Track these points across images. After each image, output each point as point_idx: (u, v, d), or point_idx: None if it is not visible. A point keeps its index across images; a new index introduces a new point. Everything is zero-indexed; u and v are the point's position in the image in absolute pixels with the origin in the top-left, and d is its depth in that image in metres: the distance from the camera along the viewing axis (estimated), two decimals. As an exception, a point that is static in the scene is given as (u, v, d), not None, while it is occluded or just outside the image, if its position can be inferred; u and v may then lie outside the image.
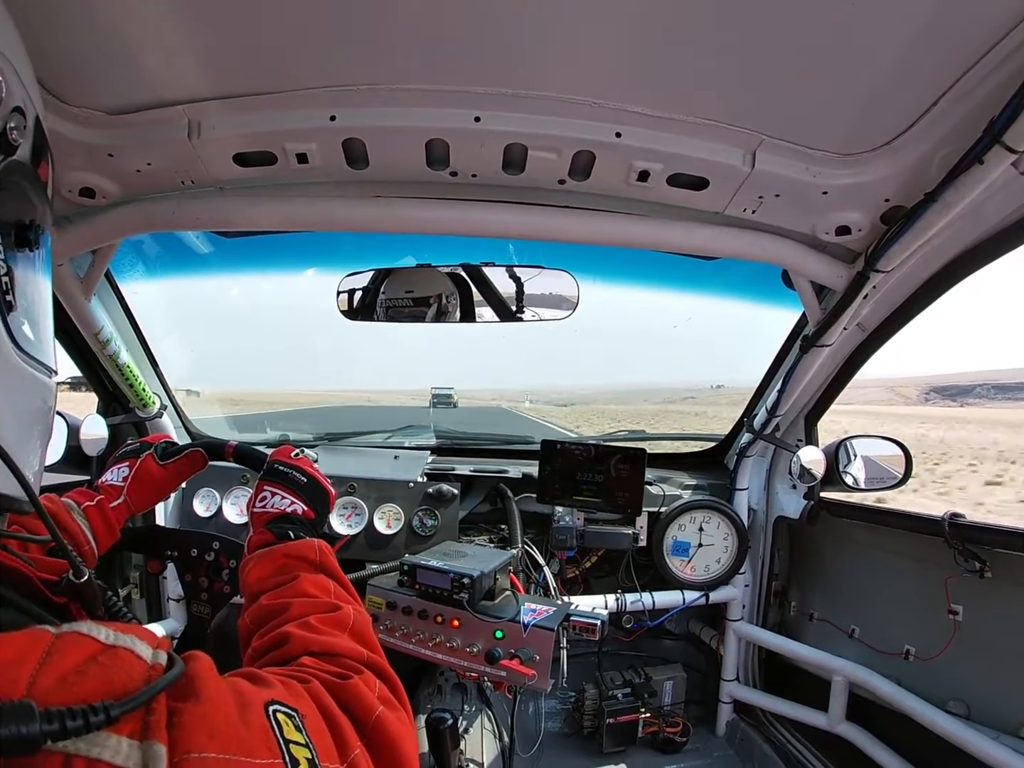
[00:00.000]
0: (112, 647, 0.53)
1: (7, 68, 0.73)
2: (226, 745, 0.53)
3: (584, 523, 2.75)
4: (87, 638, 0.52)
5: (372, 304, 2.25)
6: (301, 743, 0.61)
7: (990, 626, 2.06)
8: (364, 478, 2.72)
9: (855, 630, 2.56)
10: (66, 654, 0.49)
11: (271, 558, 1.10)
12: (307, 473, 1.34)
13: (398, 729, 0.78)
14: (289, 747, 0.59)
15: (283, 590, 1.02)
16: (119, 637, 0.54)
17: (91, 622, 0.54)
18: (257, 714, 0.59)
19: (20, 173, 0.75)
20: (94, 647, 0.52)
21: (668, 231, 1.75)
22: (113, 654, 0.52)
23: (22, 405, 0.74)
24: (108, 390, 2.47)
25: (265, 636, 0.93)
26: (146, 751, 0.48)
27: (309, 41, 1.22)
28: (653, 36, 1.18)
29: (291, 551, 1.11)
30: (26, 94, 0.77)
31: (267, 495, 1.26)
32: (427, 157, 1.55)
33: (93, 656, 0.51)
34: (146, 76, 1.30)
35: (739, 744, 2.90)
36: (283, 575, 1.06)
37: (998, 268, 1.91)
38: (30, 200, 0.77)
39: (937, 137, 1.35)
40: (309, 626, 0.92)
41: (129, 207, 1.68)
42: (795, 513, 2.74)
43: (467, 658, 2.05)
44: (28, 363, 0.74)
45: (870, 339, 2.16)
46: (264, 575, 1.07)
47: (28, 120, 0.77)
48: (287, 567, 1.08)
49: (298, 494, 1.28)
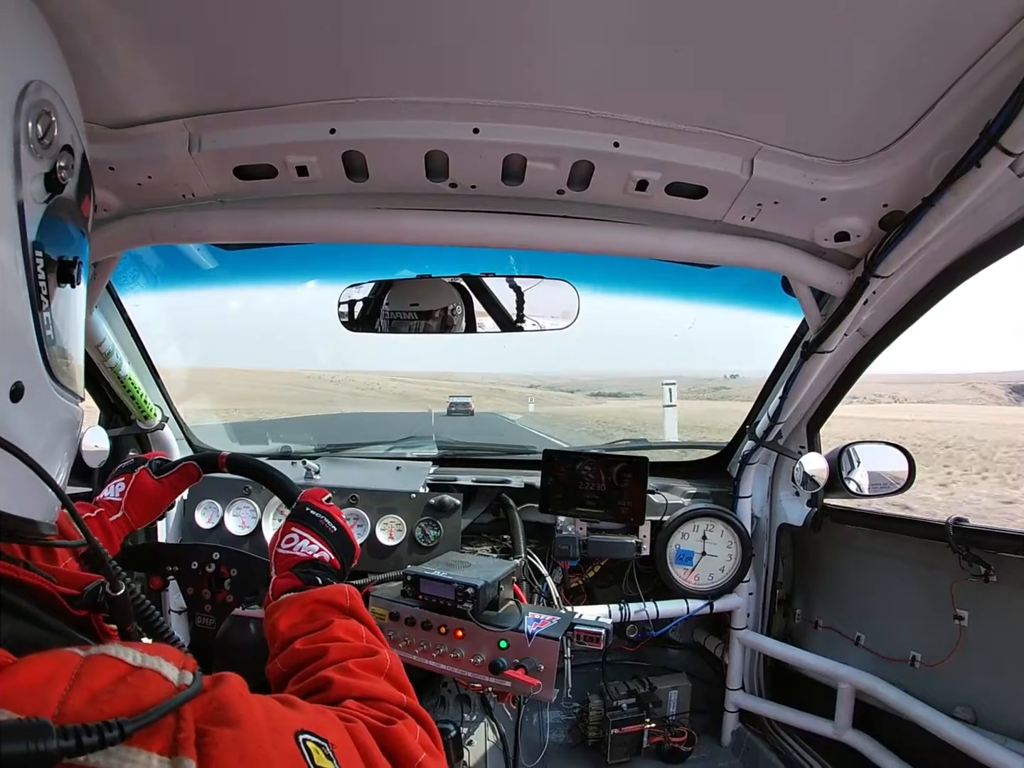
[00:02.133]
0: (140, 668, 0.54)
1: (59, 106, 0.76)
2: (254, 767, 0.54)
3: (587, 533, 2.74)
4: (115, 660, 0.53)
5: (374, 315, 2.25)
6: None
7: (996, 631, 2.05)
8: (366, 489, 2.72)
9: (860, 637, 2.55)
10: (94, 675, 0.51)
11: (301, 603, 1.09)
12: (337, 522, 1.31)
13: None
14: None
15: (316, 635, 1.02)
16: (146, 659, 0.55)
17: (119, 644, 0.56)
18: (287, 741, 0.60)
19: (66, 210, 0.77)
20: (122, 668, 0.53)
21: (667, 240, 1.75)
22: (140, 675, 0.53)
23: (54, 432, 0.78)
24: (110, 402, 2.48)
25: (303, 681, 0.92)
26: (176, 765, 0.49)
27: (308, 54, 1.23)
28: (649, 45, 1.19)
29: (322, 597, 1.10)
30: (75, 130, 0.80)
31: (294, 537, 1.24)
32: (426, 169, 1.56)
33: (122, 677, 0.52)
34: (147, 90, 1.31)
35: (745, 753, 2.88)
36: (315, 621, 1.05)
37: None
38: (72, 236, 0.80)
39: (934, 141, 1.36)
40: (348, 671, 0.91)
41: (130, 220, 1.69)
42: (799, 520, 2.73)
43: (471, 668, 2.04)
44: (62, 394, 0.78)
45: (871, 344, 2.16)
46: (297, 621, 1.06)
47: (76, 158, 0.80)
48: (318, 612, 1.07)
49: (326, 541, 1.26)
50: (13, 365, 0.69)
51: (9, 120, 0.69)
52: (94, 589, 0.77)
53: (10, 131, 0.69)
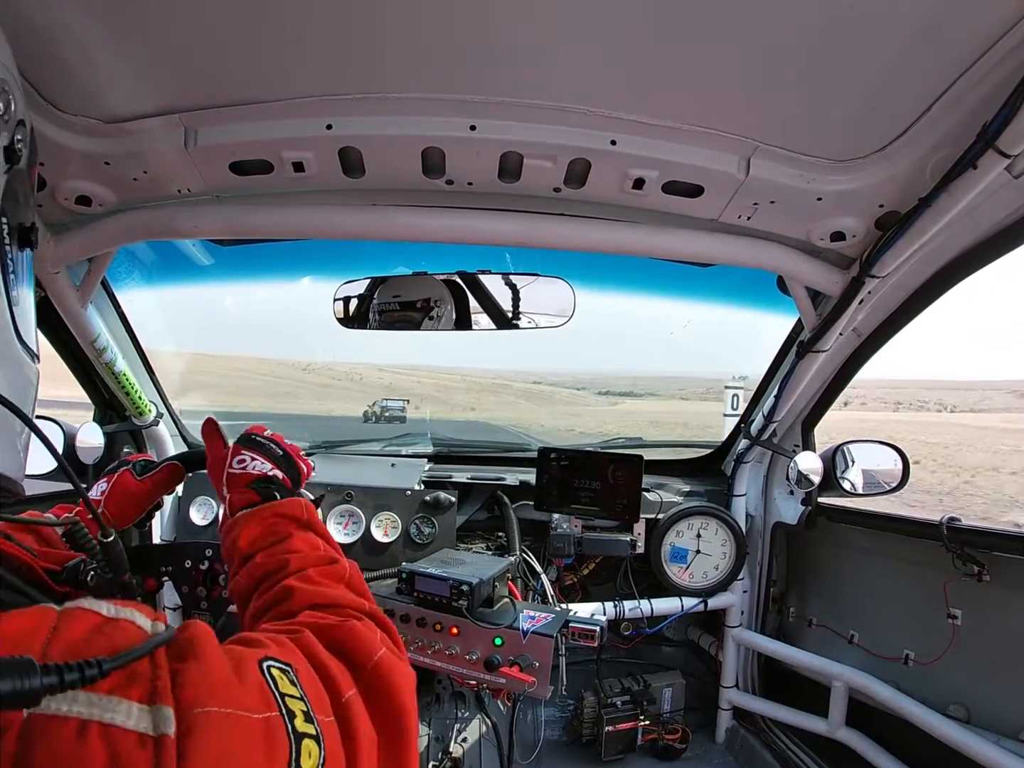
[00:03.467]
0: (114, 619, 0.57)
1: (11, 82, 0.77)
2: (226, 700, 0.56)
3: (582, 530, 2.75)
4: (90, 612, 0.56)
5: (366, 312, 2.25)
6: (296, 696, 0.64)
7: (989, 630, 2.06)
8: (361, 486, 2.71)
9: (854, 635, 2.56)
10: (72, 626, 0.53)
11: (260, 518, 1.10)
12: (283, 447, 1.33)
13: (399, 677, 0.80)
14: (285, 700, 0.62)
15: (277, 548, 1.03)
16: (120, 611, 0.58)
17: (92, 599, 0.58)
18: (252, 670, 0.62)
19: (20, 179, 0.79)
20: (97, 619, 0.56)
21: (664, 238, 1.76)
22: (115, 625, 0.56)
23: (19, 386, 0.81)
24: (104, 398, 2.46)
25: (265, 593, 0.94)
26: (155, 714, 0.51)
27: (305, 50, 1.22)
28: (647, 44, 1.19)
29: (280, 510, 1.12)
30: (24, 104, 0.81)
31: (245, 458, 1.25)
32: (423, 165, 1.55)
33: (97, 627, 0.55)
34: (142, 84, 1.31)
35: (739, 751, 2.89)
36: (275, 534, 1.07)
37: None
38: (27, 204, 0.82)
39: (931, 142, 1.36)
40: (309, 579, 0.94)
41: (126, 215, 1.68)
42: (793, 519, 2.73)
43: (466, 665, 2.05)
44: (24, 351, 0.82)
45: (866, 344, 2.17)
46: (257, 535, 1.07)
47: (28, 131, 0.81)
48: (277, 526, 1.08)
49: (275, 463, 1.27)
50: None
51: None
52: (75, 566, 0.79)
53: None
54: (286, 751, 0.58)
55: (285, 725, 0.60)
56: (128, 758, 0.48)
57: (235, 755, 0.55)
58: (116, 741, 0.48)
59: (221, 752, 0.53)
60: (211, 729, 0.53)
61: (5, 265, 0.75)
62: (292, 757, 0.58)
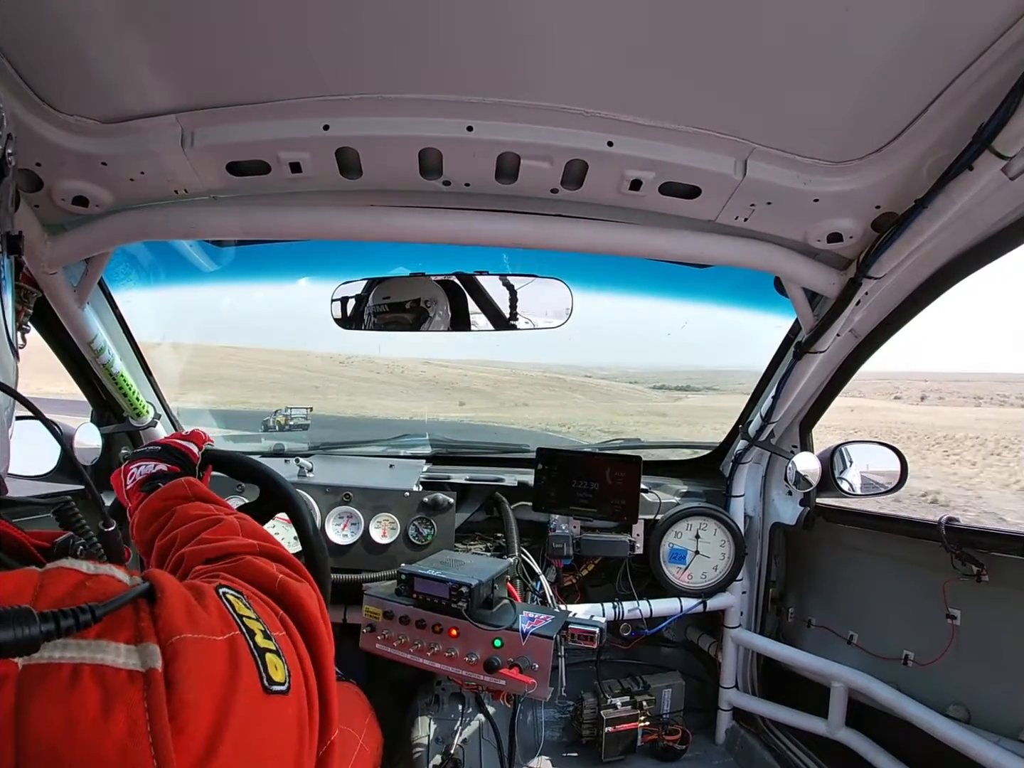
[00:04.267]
0: (95, 575, 0.60)
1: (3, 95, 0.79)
2: (196, 626, 0.60)
3: (580, 531, 2.75)
4: (71, 571, 0.59)
5: (361, 313, 2.25)
6: (252, 617, 0.69)
7: (989, 630, 2.06)
8: (360, 487, 2.71)
9: (853, 636, 2.56)
10: (56, 584, 0.56)
11: (149, 506, 1.16)
12: (158, 442, 1.37)
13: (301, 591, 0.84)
14: (243, 620, 0.67)
15: (167, 527, 1.08)
16: (99, 567, 0.61)
17: (72, 559, 0.62)
18: (212, 597, 0.67)
19: (6, 190, 0.83)
20: (79, 576, 0.59)
21: (661, 239, 1.76)
22: (97, 580, 0.59)
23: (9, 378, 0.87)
24: (102, 399, 2.46)
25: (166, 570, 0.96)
26: (142, 651, 0.55)
27: (303, 50, 1.23)
28: (644, 45, 1.19)
29: (162, 495, 1.17)
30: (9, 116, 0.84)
31: (132, 470, 1.29)
32: (420, 166, 1.55)
33: (81, 583, 0.58)
34: (140, 85, 1.31)
35: (739, 751, 2.89)
36: (162, 517, 1.12)
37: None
38: (10, 212, 0.86)
39: (927, 143, 1.37)
40: (201, 541, 0.98)
41: (123, 216, 1.68)
42: (791, 519, 2.74)
43: (466, 667, 2.05)
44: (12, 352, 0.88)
45: (863, 345, 2.17)
46: (145, 522, 1.14)
47: (13, 143, 0.85)
48: (163, 508, 1.14)
49: (157, 459, 1.31)
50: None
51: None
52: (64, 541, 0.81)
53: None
54: (253, 666, 0.63)
55: (247, 643, 0.64)
56: (121, 694, 0.51)
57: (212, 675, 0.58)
58: (108, 680, 0.52)
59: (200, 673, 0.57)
60: (188, 654, 0.57)
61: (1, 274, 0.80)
62: (260, 671, 0.63)
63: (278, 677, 0.65)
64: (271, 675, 0.64)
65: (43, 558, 0.77)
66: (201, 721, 0.55)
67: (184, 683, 0.55)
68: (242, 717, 0.59)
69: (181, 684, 0.54)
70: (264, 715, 0.62)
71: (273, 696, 0.63)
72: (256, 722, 0.61)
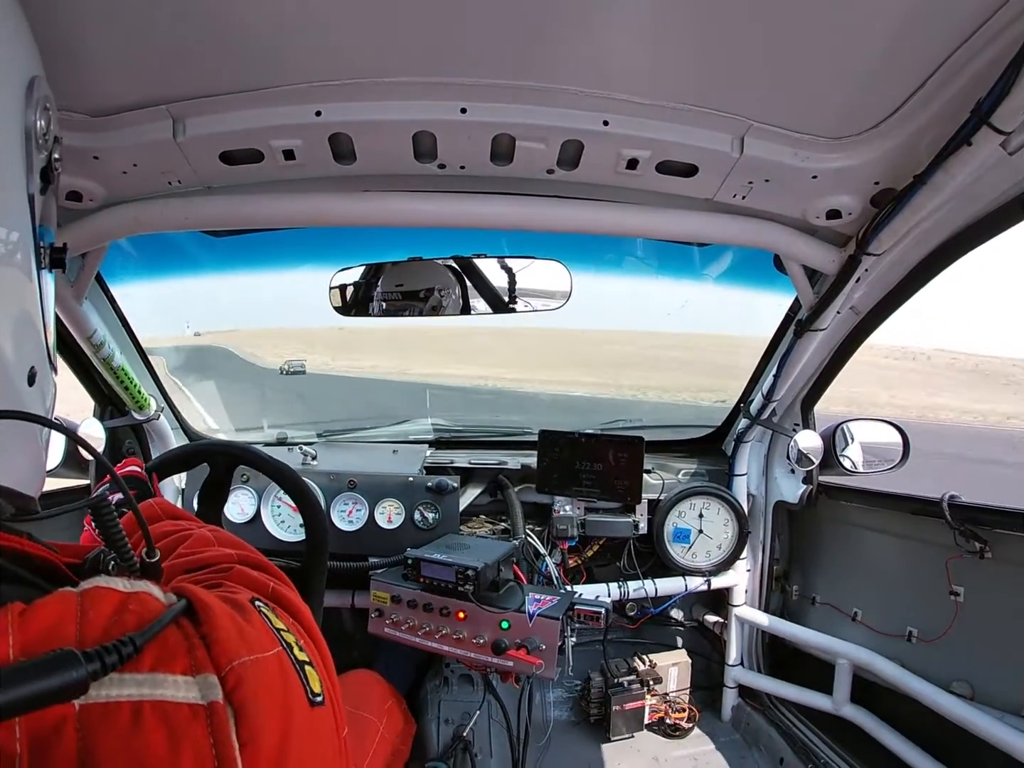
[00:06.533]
0: (134, 593, 0.57)
1: (52, 99, 0.78)
2: (249, 646, 0.58)
3: (584, 512, 2.77)
4: (109, 590, 0.56)
5: (366, 299, 2.24)
6: (285, 628, 0.67)
7: (992, 607, 2.07)
8: (364, 473, 2.72)
9: (857, 613, 2.57)
10: (97, 607, 0.54)
11: None
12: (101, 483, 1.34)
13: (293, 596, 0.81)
14: (281, 634, 0.65)
15: None
16: (135, 584, 0.59)
17: (104, 576, 0.60)
18: (253, 612, 0.65)
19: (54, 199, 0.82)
20: (118, 596, 0.56)
21: (658, 218, 1.75)
22: (137, 599, 0.57)
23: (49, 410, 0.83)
24: (104, 394, 2.46)
25: None
26: (201, 684, 0.53)
27: (292, 36, 1.21)
28: (638, 23, 1.18)
29: None
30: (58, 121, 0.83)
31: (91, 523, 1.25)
32: (414, 150, 1.54)
33: (122, 604, 0.55)
34: (127, 76, 1.29)
35: (745, 728, 2.92)
36: None
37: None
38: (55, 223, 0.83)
39: (925, 119, 1.35)
40: (178, 555, 0.94)
41: (116, 209, 1.67)
42: (794, 497, 2.74)
43: (474, 649, 2.07)
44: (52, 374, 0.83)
45: (864, 322, 2.16)
46: None
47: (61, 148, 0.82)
48: None
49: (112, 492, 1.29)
50: (30, 351, 0.73)
51: (21, 116, 0.71)
52: (96, 556, 0.79)
53: (22, 127, 0.71)
54: (298, 680, 0.62)
55: (289, 657, 0.63)
56: (185, 732, 0.50)
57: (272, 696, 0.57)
58: (170, 717, 0.50)
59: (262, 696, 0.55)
60: (249, 678, 0.55)
61: (43, 287, 0.77)
62: (304, 684, 0.62)
63: (317, 688, 0.64)
64: (312, 687, 0.63)
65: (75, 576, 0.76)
66: (267, 744, 0.54)
67: (249, 709, 0.54)
68: (299, 734, 0.58)
69: (247, 711, 0.54)
70: (313, 729, 0.62)
71: (316, 708, 0.63)
72: (309, 737, 0.60)
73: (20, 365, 0.70)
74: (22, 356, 0.71)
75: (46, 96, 0.76)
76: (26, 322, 0.72)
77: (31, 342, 0.74)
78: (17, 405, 0.68)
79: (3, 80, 0.70)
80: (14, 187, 0.71)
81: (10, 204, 0.70)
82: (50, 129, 0.76)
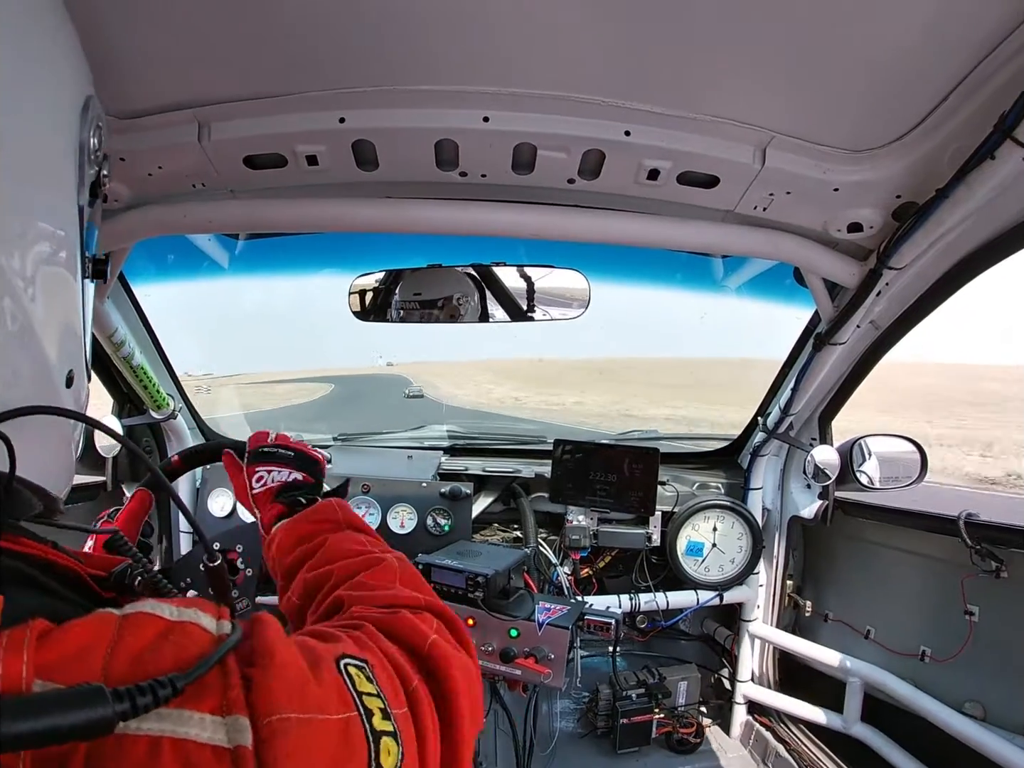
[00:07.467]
0: (179, 623, 0.54)
1: (103, 119, 0.83)
2: (304, 704, 0.54)
3: (597, 523, 2.75)
4: (153, 616, 0.53)
5: (385, 305, 2.26)
6: (373, 693, 0.62)
7: (1007, 627, 2.04)
8: (378, 478, 2.73)
9: (871, 631, 2.54)
10: (136, 634, 0.51)
11: (295, 529, 1.08)
12: (291, 447, 1.30)
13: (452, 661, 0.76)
14: (362, 698, 0.60)
15: (319, 558, 1.00)
16: (183, 612, 0.55)
17: (153, 600, 0.55)
18: (329, 670, 0.60)
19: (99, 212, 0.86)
20: (161, 625, 0.53)
21: (678, 230, 1.74)
22: (181, 629, 0.53)
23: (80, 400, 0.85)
24: (122, 392, 2.49)
25: (319, 608, 0.91)
26: (230, 725, 0.49)
27: (318, 43, 1.22)
28: (661, 33, 1.18)
29: (312, 516, 1.09)
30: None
31: (262, 474, 1.22)
32: (436, 158, 1.55)
33: (163, 634, 0.52)
34: (156, 79, 1.31)
35: (753, 745, 2.89)
36: (312, 542, 1.04)
37: None
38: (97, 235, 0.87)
39: (948, 132, 1.34)
40: (361, 585, 0.90)
41: (141, 211, 1.69)
42: (810, 513, 2.72)
43: (482, 656, 2.06)
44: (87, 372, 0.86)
45: (884, 337, 2.14)
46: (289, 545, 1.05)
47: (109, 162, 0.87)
48: (312, 534, 1.06)
49: (290, 465, 1.25)
50: (70, 356, 0.76)
51: (77, 132, 0.76)
52: (122, 570, 0.79)
53: (77, 143, 0.76)
54: (365, 752, 0.57)
55: (363, 725, 0.58)
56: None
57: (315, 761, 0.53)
58: (190, 756, 0.46)
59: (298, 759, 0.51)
60: (290, 736, 0.51)
61: (85, 296, 0.80)
62: (371, 757, 0.57)
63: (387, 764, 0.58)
64: (381, 762, 0.58)
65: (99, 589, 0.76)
66: None
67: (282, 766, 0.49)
68: None
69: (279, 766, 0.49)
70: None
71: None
72: None
73: (61, 368, 0.73)
74: (63, 359, 0.73)
75: (99, 115, 0.80)
76: (69, 328, 0.76)
77: (72, 347, 0.77)
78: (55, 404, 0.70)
79: (63, 100, 0.75)
80: (68, 200, 0.74)
81: (64, 216, 0.73)
82: (101, 146, 0.80)
